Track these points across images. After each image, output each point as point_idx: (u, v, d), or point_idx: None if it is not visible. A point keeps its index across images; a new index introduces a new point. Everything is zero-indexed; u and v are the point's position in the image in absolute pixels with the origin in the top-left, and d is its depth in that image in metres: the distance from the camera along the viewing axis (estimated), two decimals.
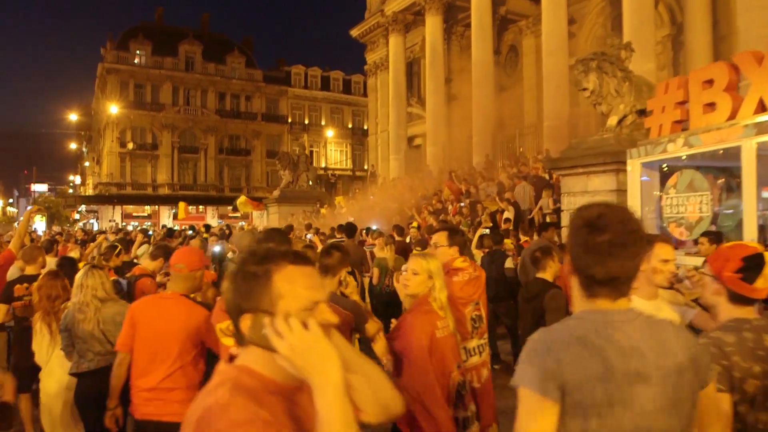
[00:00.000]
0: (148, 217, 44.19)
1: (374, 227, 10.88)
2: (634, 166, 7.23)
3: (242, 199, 22.35)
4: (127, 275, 4.54)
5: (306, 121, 50.30)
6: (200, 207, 45.64)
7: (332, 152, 50.17)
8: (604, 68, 9.77)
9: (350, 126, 51.96)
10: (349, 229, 6.45)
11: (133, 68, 43.59)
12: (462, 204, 13.89)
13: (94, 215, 48.09)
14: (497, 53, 26.04)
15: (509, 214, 12.24)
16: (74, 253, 7.23)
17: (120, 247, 5.21)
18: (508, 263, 6.58)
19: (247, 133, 47.83)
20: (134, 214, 44.32)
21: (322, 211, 19.58)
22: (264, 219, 36.98)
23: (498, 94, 23.31)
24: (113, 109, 40.18)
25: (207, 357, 3.11)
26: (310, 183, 24.15)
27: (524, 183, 13.06)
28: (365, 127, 52.08)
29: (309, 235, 7.29)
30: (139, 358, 3.05)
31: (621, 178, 9.53)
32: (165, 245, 4.90)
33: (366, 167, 50.89)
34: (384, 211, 16.17)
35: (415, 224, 9.29)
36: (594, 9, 23.50)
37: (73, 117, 45.21)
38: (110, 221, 40.91)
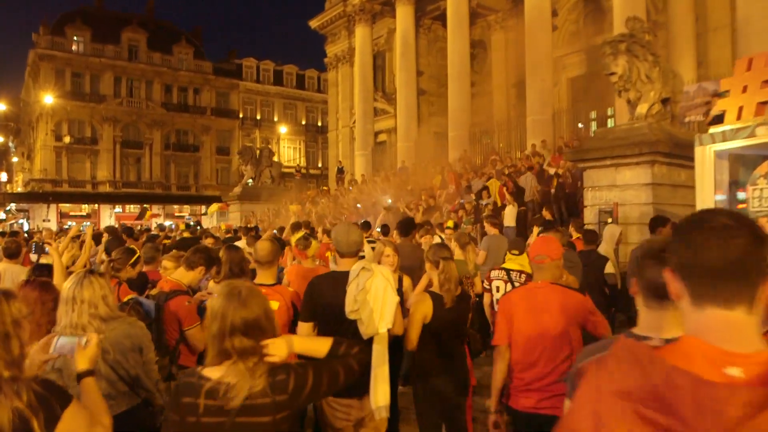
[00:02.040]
0: (87, 216, 41.04)
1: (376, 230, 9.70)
2: (705, 155, 6.34)
3: (214, 207, 20.46)
4: (151, 292, 3.16)
5: (258, 117, 48.23)
6: (145, 206, 42.74)
7: (285, 149, 48.35)
8: (634, 51, 8.95)
9: (304, 122, 50.28)
10: (406, 226, 5.25)
11: (70, 55, 40.30)
12: (462, 200, 12.88)
13: (24, 215, 44.34)
14: None
15: (513, 209, 11.34)
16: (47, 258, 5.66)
17: (139, 253, 3.79)
18: (609, 268, 5.53)
19: (195, 128, 45.30)
20: (71, 213, 41.04)
21: (292, 208, 18.12)
22: (213, 219, 34.95)
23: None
24: (48, 99, 36.94)
25: None
26: (274, 179, 22.61)
27: (529, 173, 12.19)
28: (320, 124, 50.63)
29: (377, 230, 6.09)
30: (518, 350, 2.95)
31: (657, 171, 8.74)
32: (205, 248, 3.53)
33: (320, 165, 49.49)
34: (370, 209, 14.99)
35: (450, 223, 8.14)
36: (566, 4, 23.10)
37: (1, 107, 41.33)
38: (44, 221, 37.67)
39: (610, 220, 8.68)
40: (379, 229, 9.33)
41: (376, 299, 2.71)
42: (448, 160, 20.45)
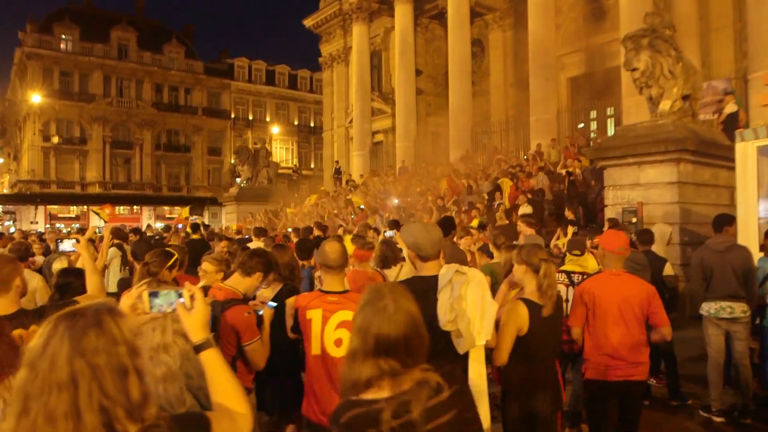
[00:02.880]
0: (76, 218, 40.25)
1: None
2: (746, 151, 6.08)
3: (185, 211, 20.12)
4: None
5: (250, 117, 47.64)
6: (135, 207, 42.10)
7: (278, 150, 47.84)
8: (657, 46, 8.71)
9: (296, 123, 49.77)
10: (445, 225, 4.92)
11: (58, 54, 39.47)
12: (470, 201, 12.57)
13: (11, 217, 43.42)
14: None
15: (527, 209, 11.05)
16: (60, 263, 5.25)
17: (177, 255, 3.40)
18: (668, 269, 5.23)
19: (186, 129, 44.62)
20: (60, 215, 40.23)
21: (289, 210, 17.73)
22: (205, 219, 34.39)
23: None
24: (35, 98, 36.16)
25: None
26: (271, 180, 22.18)
27: (542, 174, 11.91)
28: (312, 125, 50.19)
29: (390, 233, 5.75)
30: (606, 328, 3.36)
31: (682, 169, 8.50)
32: (263, 251, 3.13)
33: (312, 165, 49.06)
34: (374, 210, 14.64)
35: (475, 223, 7.83)
36: (566, 3, 22.90)
37: None
38: (32, 223, 36.89)
39: (634, 219, 8.43)
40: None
41: (474, 307, 2.38)
42: (449, 159, 20.20)
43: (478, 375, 2.45)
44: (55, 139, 39.30)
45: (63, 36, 39.99)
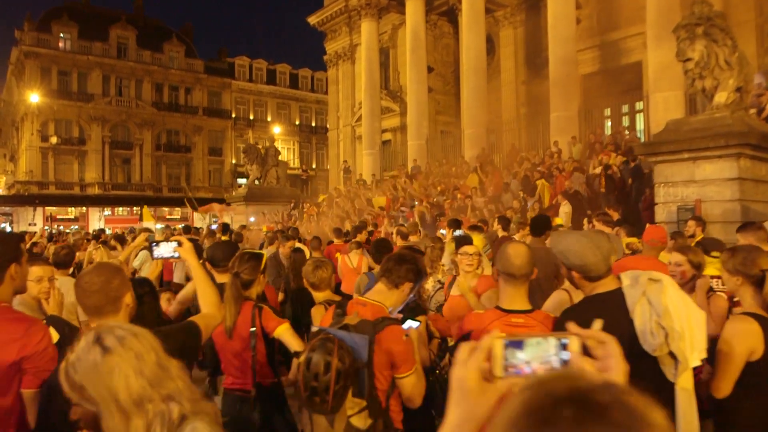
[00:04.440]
0: (75, 219, 39.59)
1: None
2: None
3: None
4: (346, 320, 2.20)
5: (251, 117, 47.03)
6: (135, 209, 41.40)
7: (280, 150, 47.33)
8: (712, 35, 8.25)
9: (298, 123, 49.21)
10: (539, 224, 4.41)
11: (56, 53, 38.75)
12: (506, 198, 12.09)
13: (8, 218, 42.73)
14: None
15: (566, 208, 10.59)
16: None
17: (265, 255, 2.91)
18: None
19: (187, 129, 43.95)
20: (59, 216, 39.53)
21: (305, 211, 17.19)
22: (206, 220, 33.86)
23: None
24: (34, 97, 35.46)
25: None
26: (279, 180, 21.64)
27: (578, 173, 11.45)
28: (313, 124, 49.69)
29: (459, 232, 5.26)
30: None
31: (742, 165, 8.04)
32: (412, 256, 2.51)
33: (314, 165, 48.56)
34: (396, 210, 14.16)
35: (559, 220, 7.33)
36: None
37: None
38: (30, 224, 36.18)
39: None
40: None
41: (680, 322, 1.90)
42: (464, 158, 19.74)
43: (688, 405, 1.96)
44: (54, 140, 38.59)
45: (61, 34, 39.30)
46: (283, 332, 2.80)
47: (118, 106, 40.83)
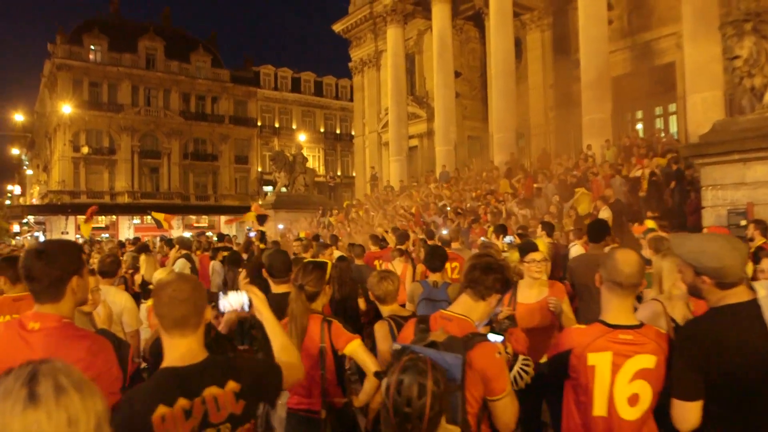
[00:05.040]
0: (106, 228, 40.23)
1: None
2: None
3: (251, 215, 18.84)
4: (433, 337, 2.01)
5: (276, 125, 47.38)
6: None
7: (307, 158, 47.61)
8: (762, 32, 7.95)
9: (322, 130, 49.42)
10: (598, 229, 4.20)
11: (87, 65, 39.58)
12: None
13: (41, 227, 43.69)
14: None
15: (606, 213, 10.29)
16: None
17: (330, 264, 2.75)
18: None
19: (213, 137, 44.46)
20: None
21: (331, 219, 17.14)
22: (232, 229, 34.07)
23: None
24: (66, 109, 36.18)
25: None
26: (308, 186, 21.65)
27: (618, 177, 11.16)
28: (338, 131, 49.86)
29: (508, 239, 5.10)
30: None
31: None
32: (498, 264, 2.33)
33: (339, 173, 48.67)
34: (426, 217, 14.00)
35: (651, 224, 7.10)
36: None
37: (18, 118, 40.69)
38: (62, 233, 36.89)
39: (743, 222, 7.64)
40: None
41: None
42: (493, 163, 19.50)
43: None
44: (85, 150, 39.34)
45: (92, 47, 40.12)
46: (356, 349, 2.63)
47: (147, 116, 41.48)
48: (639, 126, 21.67)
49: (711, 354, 1.88)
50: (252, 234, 9.46)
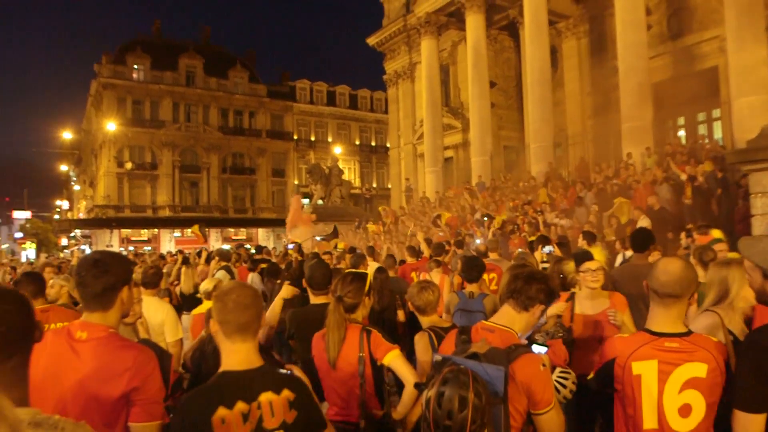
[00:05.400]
0: (148, 241, 41.33)
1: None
2: None
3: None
4: (474, 348, 1.96)
5: (312, 138, 48.03)
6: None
7: (343, 170, 48.03)
8: None
9: (357, 142, 49.81)
10: (643, 238, 4.08)
11: (131, 83, 40.97)
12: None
13: (87, 241, 45.20)
14: None
15: (645, 222, 10.01)
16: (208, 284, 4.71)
17: (370, 276, 2.75)
18: None
19: (251, 151, 45.33)
20: (132, 238, 41.40)
21: (371, 228, 17.17)
22: (270, 240, 34.48)
23: None
24: (110, 126, 37.51)
25: None
26: (344, 198, 21.79)
27: (666, 185, 10.86)
28: (373, 144, 50.19)
29: (547, 249, 5.02)
30: None
31: None
32: (542, 274, 2.33)
33: (375, 185, 48.89)
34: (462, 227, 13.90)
35: (717, 233, 6.93)
36: (647, 4, 21.73)
37: (67, 135, 42.37)
38: (107, 246, 38.06)
39: None
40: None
41: None
42: (530, 173, 19.26)
43: None
44: (129, 165, 40.60)
45: (135, 66, 41.51)
46: (394, 359, 2.60)
47: (187, 131, 42.57)
48: (681, 133, 21.13)
49: None
50: (290, 246, 9.53)
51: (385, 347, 2.67)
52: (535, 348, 2.06)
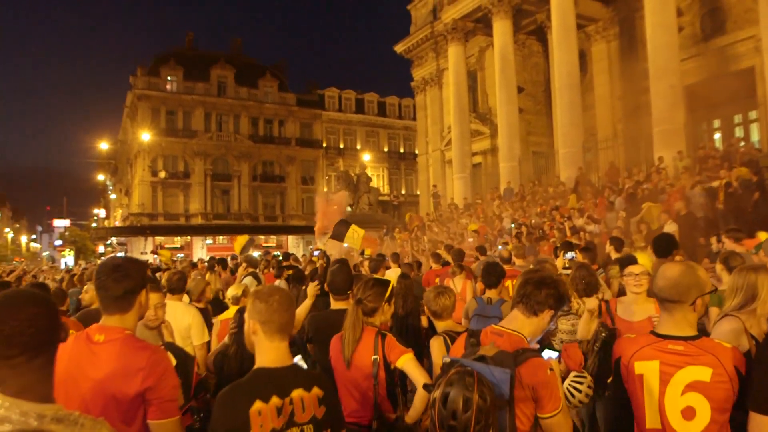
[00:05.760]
0: (180, 248, 42.15)
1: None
2: None
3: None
4: (482, 351, 1.99)
5: (341, 145, 48.42)
6: (234, 237, 43.58)
7: (371, 177, 48.25)
8: None
9: (386, 149, 50.01)
10: (666, 243, 4.04)
11: (164, 94, 42.04)
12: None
13: (123, 248, 46.36)
14: None
15: (671, 227, 9.81)
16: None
17: (392, 283, 2.80)
18: None
19: (281, 159, 45.95)
20: (165, 245, 42.27)
21: (397, 236, 17.21)
22: (300, 247, 34.76)
23: None
24: (145, 136, 38.53)
25: None
26: (372, 206, 21.89)
27: (699, 188, 10.64)
28: (402, 151, 50.31)
29: (570, 254, 5.00)
30: None
31: None
32: (552, 279, 2.28)
33: (404, 191, 48.94)
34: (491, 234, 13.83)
35: (764, 235, 6.84)
36: (679, 5, 21.32)
37: (103, 146, 43.71)
38: (142, 253, 38.97)
39: None
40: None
41: None
42: (559, 178, 19.06)
43: None
44: (162, 174, 41.58)
45: (168, 77, 42.57)
46: (407, 362, 2.63)
47: (219, 140, 43.41)
48: (717, 135, 20.66)
49: None
50: (316, 253, 9.65)
51: (398, 350, 2.71)
52: (547, 353, 2.08)
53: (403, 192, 49.05)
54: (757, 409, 1.83)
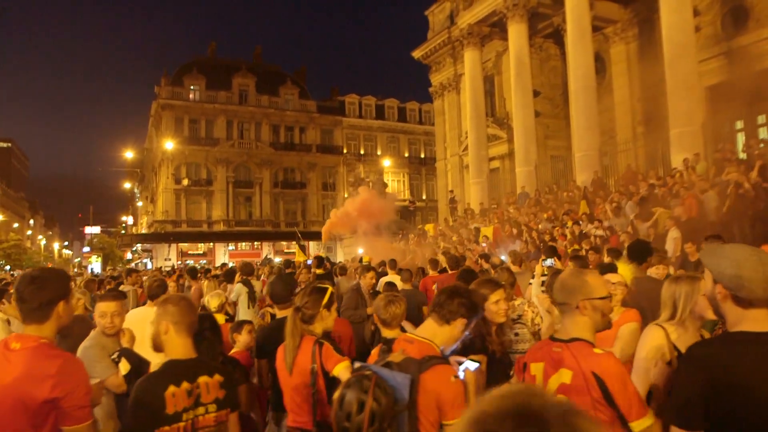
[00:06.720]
0: (203, 255, 42.78)
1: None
2: None
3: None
4: (390, 358, 1.97)
5: (361, 152, 48.61)
6: (256, 243, 44.05)
7: (390, 183, 48.26)
8: None
9: (406, 155, 50.02)
10: (640, 250, 3.95)
11: (187, 104, 42.83)
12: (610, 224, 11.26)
13: (148, 254, 47.24)
14: None
15: (674, 233, 9.60)
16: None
17: (331, 289, 2.80)
18: None
19: (302, 166, 46.35)
20: (189, 251, 42.99)
21: (428, 227, 17.15)
22: (322, 251, 34.88)
23: None
24: (169, 145, 39.28)
25: None
26: None
27: (711, 192, 10.39)
28: (422, 156, 50.25)
29: (548, 262, 4.93)
30: None
31: None
32: (465, 289, 2.21)
33: (424, 197, 48.84)
34: (504, 240, 13.72)
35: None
36: (700, 4, 20.88)
37: (128, 155, 44.74)
38: (166, 259, 39.68)
39: None
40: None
41: None
42: (575, 183, 18.80)
43: None
44: (185, 182, 42.30)
45: (191, 87, 43.38)
46: (342, 371, 2.64)
47: (240, 148, 44.01)
48: (740, 136, 20.15)
49: (718, 383, 1.67)
50: (309, 261, 9.71)
51: (335, 359, 2.72)
52: (467, 363, 2.07)
53: (424, 197, 48.98)
54: (677, 422, 1.77)
